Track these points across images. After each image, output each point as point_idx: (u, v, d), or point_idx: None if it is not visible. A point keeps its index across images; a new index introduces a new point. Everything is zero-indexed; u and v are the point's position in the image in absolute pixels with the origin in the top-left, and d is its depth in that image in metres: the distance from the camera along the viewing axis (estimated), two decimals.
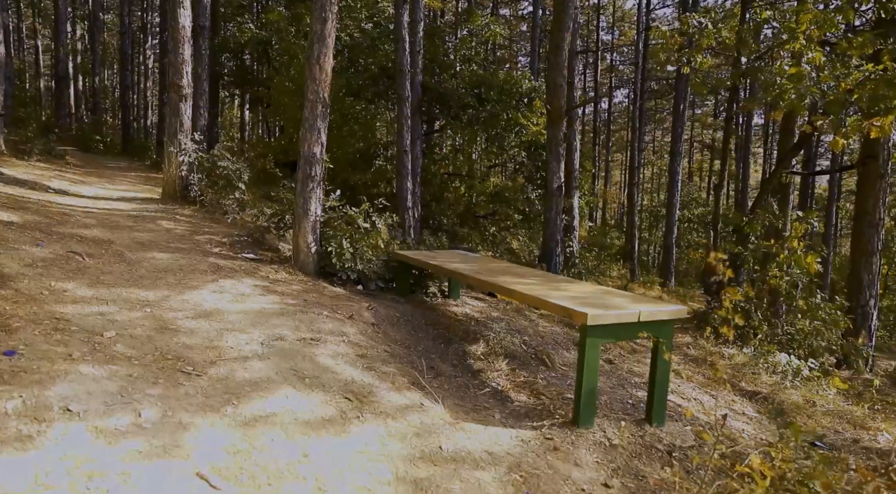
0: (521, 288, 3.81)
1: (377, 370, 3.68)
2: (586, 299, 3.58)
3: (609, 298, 3.65)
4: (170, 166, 8.26)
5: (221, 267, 5.38)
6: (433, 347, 4.55)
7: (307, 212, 5.85)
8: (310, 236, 5.88)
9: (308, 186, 5.84)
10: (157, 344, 3.50)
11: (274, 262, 6.00)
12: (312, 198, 5.87)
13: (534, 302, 3.60)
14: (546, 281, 4.25)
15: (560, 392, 4.14)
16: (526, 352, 5.01)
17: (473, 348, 4.66)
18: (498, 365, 4.42)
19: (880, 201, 8.46)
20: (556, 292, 3.75)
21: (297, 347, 3.71)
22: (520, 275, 4.45)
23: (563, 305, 3.31)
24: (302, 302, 4.64)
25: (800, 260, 7.75)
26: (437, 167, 13.26)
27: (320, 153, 5.91)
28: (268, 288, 4.90)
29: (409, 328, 4.78)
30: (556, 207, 8.04)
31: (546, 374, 4.60)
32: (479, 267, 4.82)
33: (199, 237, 6.45)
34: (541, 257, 8.17)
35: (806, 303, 7.78)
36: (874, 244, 8.47)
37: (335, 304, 4.73)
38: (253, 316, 4.16)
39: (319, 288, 5.33)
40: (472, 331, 5.07)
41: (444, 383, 3.85)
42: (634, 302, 3.52)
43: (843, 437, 5.59)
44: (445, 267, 4.77)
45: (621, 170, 39.69)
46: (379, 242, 5.95)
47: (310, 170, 5.84)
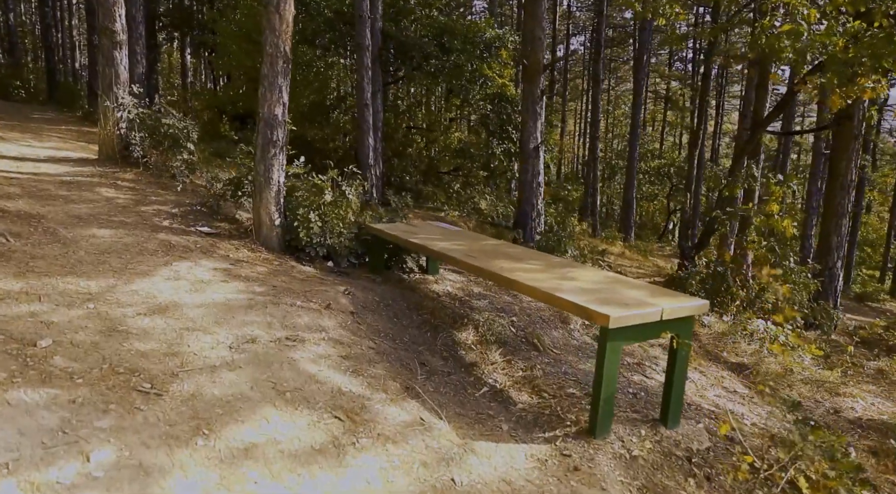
0: (526, 278, 3.41)
1: (365, 374, 3.26)
2: (599, 292, 3.22)
3: (623, 290, 3.30)
4: (106, 123, 7.36)
5: (174, 246, 4.77)
6: (420, 337, 4.15)
7: (269, 181, 5.24)
8: (273, 208, 5.29)
9: (269, 152, 5.21)
10: (105, 353, 2.96)
11: (233, 237, 5.40)
12: (275, 166, 5.25)
13: (543, 298, 3.21)
14: (548, 266, 3.86)
15: (560, 385, 3.83)
16: (515, 336, 4.67)
17: (463, 336, 4.28)
18: (491, 355, 4.07)
19: (853, 163, 8.41)
20: (565, 283, 3.38)
21: (273, 350, 3.24)
22: (515, 258, 4.05)
23: (579, 304, 2.94)
24: (271, 289, 4.12)
25: (777, 224, 7.64)
26: (398, 121, 12.56)
27: (282, 114, 5.26)
28: (230, 273, 4.35)
29: (390, 314, 4.35)
30: (533, 169, 7.63)
31: (540, 361, 4.29)
32: (469, 247, 4.39)
33: (145, 208, 5.76)
34: (515, 222, 7.80)
35: (780, 267, 7.72)
36: (845, 206, 8.46)
37: (308, 290, 4.24)
38: (217, 310, 3.64)
39: (287, 269, 4.81)
40: (458, 315, 4.68)
41: (440, 384, 3.47)
42: (653, 296, 3.18)
43: (825, 407, 5.56)
44: (431, 247, 4.32)
45: (575, 119, 39.42)
46: (349, 214, 5.42)
47: (271, 133, 5.20)
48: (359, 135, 10.63)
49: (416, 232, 5.00)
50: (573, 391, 3.75)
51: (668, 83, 35.91)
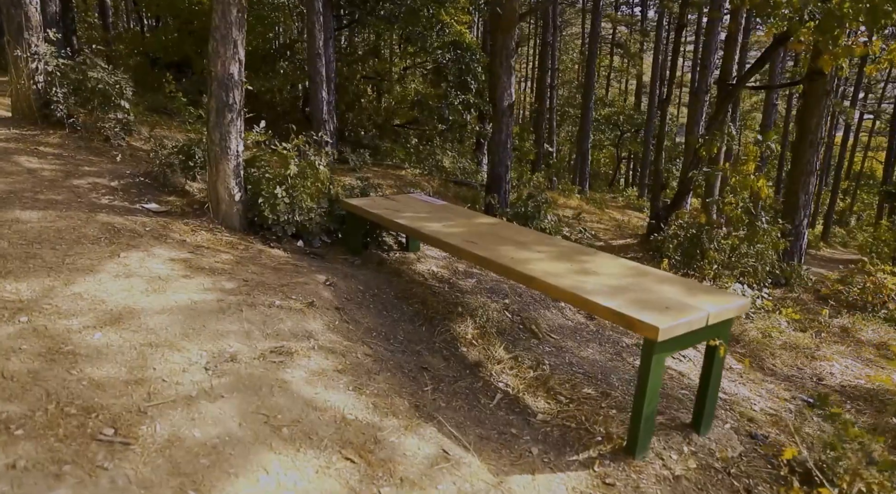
0: (543, 273, 3.01)
1: (368, 391, 2.82)
2: (629, 291, 2.86)
3: (654, 286, 2.95)
4: (19, 76, 6.34)
5: (119, 230, 4.10)
6: (415, 333, 3.72)
7: (226, 150, 4.57)
8: (232, 182, 4.65)
9: (225, 117, 4.52)
10: (49, 387, 2.41)
11: (187, 215, 4.74)
12: (232, 133, 4.57)
13: (570, 299, 2.83)
14: (559, 253, 3.47)
15: (573, 384, 3.51)
16: (512, 322, 4.32)
17: (461, 329, 3.88)
18: (495, 351, 3.70)
19: (823, 120, 8.33)
20: (588, 279, 3.00)
21: (259, 370, 2.74)
22: (520, 243, 3.63)
23: (619, 311, 2.57)
24: (242, 284, 3.57)
25: (753, 184, 7.52)
26: (351, 71, 11.68)
27: (239, 73, 4.54)
28: (191, 264, 3.75)
29: (378, 307, 3.89)
30: (507, 129, 7.14)
31: (543, 352, 3.96)
32: (464, 228, 3.94)
33: (78, 181, 4.97)
34: (488, 186, 7.36)
35: (751, 227, 7.64)
36: (813, 164, 8.43)
37: (285, 284, 3.71)
38: (183, 317, 3.08)
39: (255, 254, 4.23)
40: (450, 302, 4.26)
41: (449, 395, 3.07)
42: (691, 294, 2.85)
43: (806, 374, 5.54)
44: (422, 230, 3.84)
45: (524, 65, 38.63)
46: (319, 186, 4.83)
47: (226, 96, 4.49)
48: (311, 88, 9.79)
49: (400, 208, 4.49)
50: (588, 391, 3.44)
51: (615, 28, 35.45)
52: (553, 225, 6.67)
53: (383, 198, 4.88)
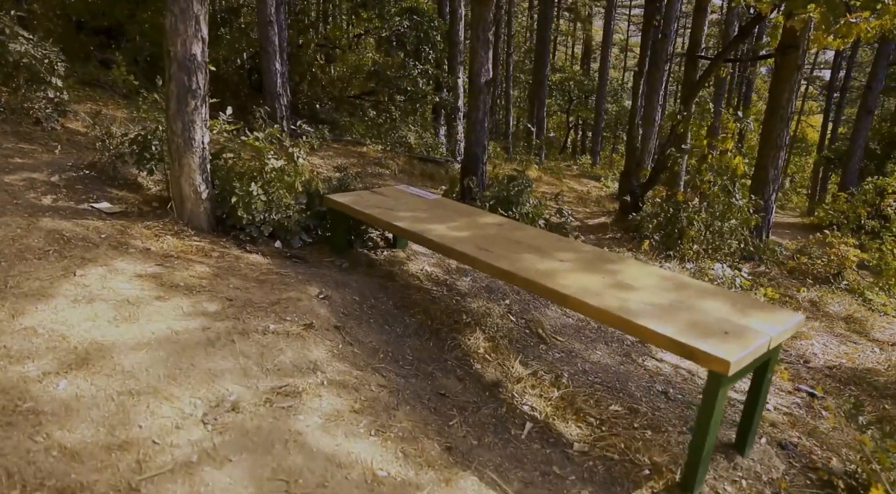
0: (579, 290, 2.71)
1: (392, 434, 2.48)
2: (678, 310, 2.60)
3: (699, 302, 2.70)
4: None
5: (70, 240, 3.53)
6: (423, 349, 3.37)
7: (190, 142, 4.02)
8: (198, 177, 4.10)
9: (188, 105, 3.95)
10: (8, 463, 1.97)
11: (146, 215, 4.18)
12: (197, 123, 4.01)
13: (621, 325, 2.54)
14: (584, 262, 3.17)
15: (597, 400, 3.27)
16: (517, 326, 4.03)
17: (471, 342, 3.56)
18: (512, 367, 3.40)
19: (794, 95, 8.30)
20: (629, 295, 2.72)
21: (267, 421, 2.35)
22: (537, 248, 3.31)
23: (680, 341, 2.30)
24: (227, 304, 3.11)
25: (731, 162, 7.44)
26: (304, 39, 10.89)
27: (202, 54, 3.96)
28: (162, 280, 3.25)
29: (379, 320, 3.51)
30: (484, 107, 6.74)
31: (555, 359, 3.71)
32: (472, 231, 3.58)
33: (9, 177, 4.30)
34: (465, 167, 6.97)
35: (725, 204, 7.60)
36: (783, 138, 8.42)
37: (275, 301, 3.27)
38: (165, 353, 2.63)
39: (233, 262, 3.75)
40: (452, 309, 3.92)
41: (477, 428, 2.76)
42: (742, 313, 2.61)
43: (793, 356, 5.53)
44: (428, 236, 3.46)
45: None
46: (297, 182, 4.34)
47: (189, 80, 3.91)
48: (263, 59, 9.04)
49: (391, 205, 4.08)
50: (616, 408, 3.21)
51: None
52: (535, 209, 6.40)
53: (370, 192, 4.44)
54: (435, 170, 9.63)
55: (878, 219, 9.26)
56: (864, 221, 9.15)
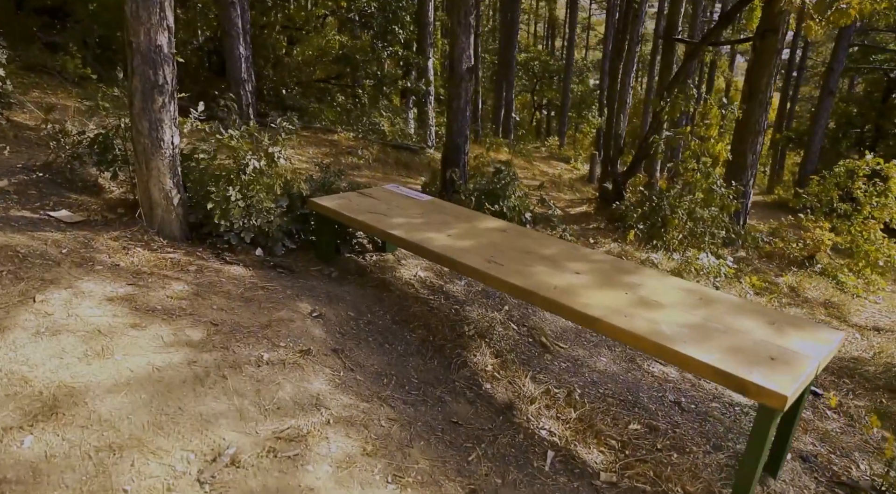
0: (606, 312, 2.50)
1: (411, 478, 2.23)
2: (714, 331, 2.41)
3: (733, 319, 2.53)
4: None
5: (26, 257, 3.14)
6: (428, 370, 3.13)
7: (159, 143, 3.63)
8: (168, 181, 3.73)
9: (155, 102, 3.55)
10: None
11: (111, 224, 3.79)
12: (165, 121, 3.62)
13: (657, 352, 2.34)
14: (601, 274, 2.96)
15: (614, 418, 3.10)
16: (520, 335, 3.82)
17: (478, 359, 3.33)
18: (523, 384, 3.19)
19: (773, 79, 8.24)
20: (656, 316, 2.52)
21: (273, 476, 2.07)
22: (548, 259, 3.08)
23: (729, 372, 2.11)
24: (213, 331, 2.79)
25: (714, 148, 7.35)
26: (268, 20, 10.31)
27: (168, 44, 3.56)
28: (136, 303, 2.91)
29: (378, 338, 3.24)
30: (466, 95, 6.44)
31: (561, 370, 3.52)
32: (475, 239, 3.32)
33: None
34: (446, 158, 6.68)
35: (708, 191, 7.53)
36: (762, 123, 8.39)
37: (264, 322, 2.96)
38: (148, 395, 2.31)
39: (213, 278, 3.41)
40: (453, 320, 3.68)
41: (499, 461, 2.54)
42: (780, 332, 2.45)
43: None
44: (430, 247, 3.18)
45: None
46: (278, 184, 4.00)
47: (155, 74, 3.52)
48: (226, 43, 8.50)
49: (384, 209, 3.78)
50: (635, 427, 3.04)
51: None
52: (521, 201, 6.18)
53: (357, 194, 4.13)
54: (410, 158, 9.31)
55: (849, 201, 9.35)
56: (836, 204, 9.23)
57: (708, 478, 2.65)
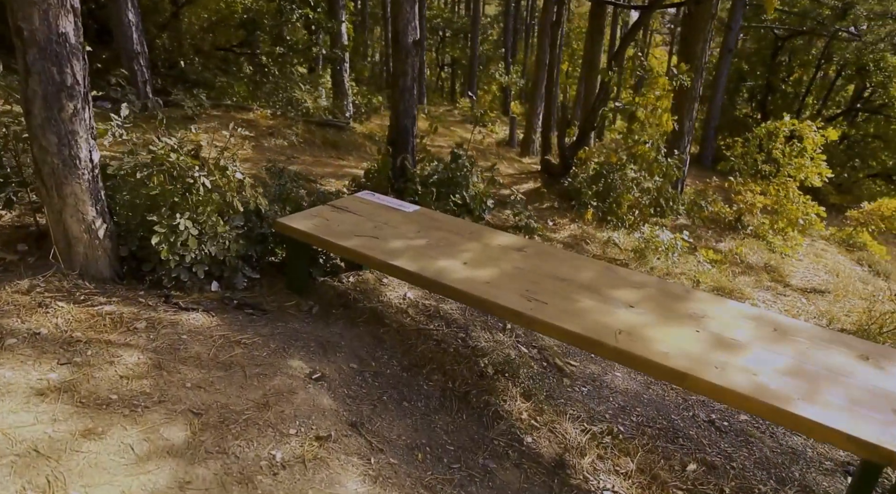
0: (698, 367, 2.11)
1: None
2: (809, 376, 2.10)
3: (825, 356, 2.23)
4: None
5: None
6: (461, 430, 2.63)
7: (73, 162, 2.78)
8: (90, 209, 2.90)
9: (64, 108, 2.69)
10: None
11: (13, 270, 2.91)
12: (80, 132, 2.77)
13: (774, 417, 1.97)
14: (656, 302, 2.56)
15: (665, 454, 2.77)
16: (533, 359, 3.40)
17: (507, 404, 2.86)
18: (568, 433, 2.77)
19: (707, 44, 8.17)
20: (742, 359, 2.16)
21: None
22: (591, 289, 2.64)
23: (874, 444, 1.79)
24: (196, 423, 2.12)
25: (661, 119, 7.18)
26: None
27: (76, 33, 2.69)
28: (78, 395, 2.17)
29: (395, 396, 2.69)
30: (413, 71, 5.76)
31: (583, 395, 3.15)
32: (497, 265, 2.80)
33: None
34: (393, 141, 6.02)
35: (655, 162, 7.40)
36: (697, 90, 8.35)
37: (259, 400, 2.32)
38: None
39: (172, 337, 2.67)
40: (466, 356, 3.17)
41: None
42: (884, 371, 2.17)
43: None
44: (454, 285, 2.63)
45: None
46: (235, 200, 3.24)
47: (60, 72, 2.64)
48: (112, 9, 7.20)
49: (372, 229, 3.16)
50: (692, 467, 2.73)
51: None
52: (482, 188, 5.70)
53: (331, 209, 3.44)
54: (337, 136, 8.49)
55: (770, 163, 9.65)
56: (760, 166, 9.50)
57: None
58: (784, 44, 19.11)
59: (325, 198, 3.70)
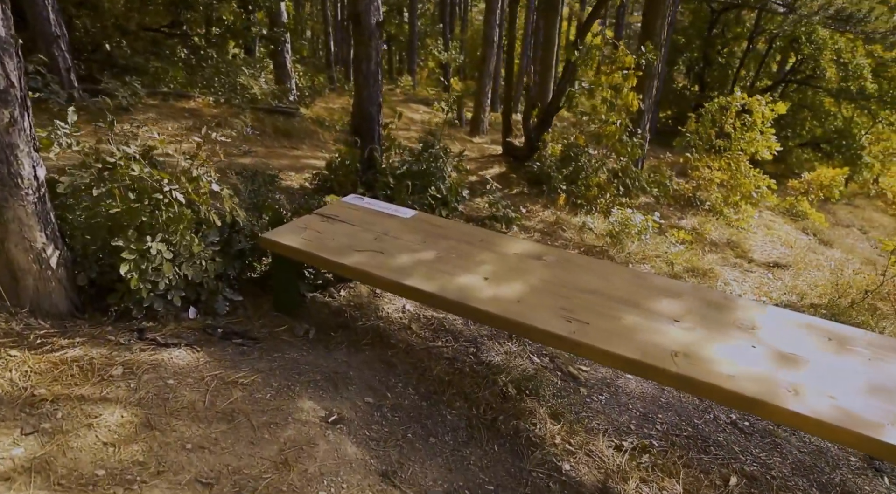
0: (777, 396, 1.93)
1: None
2: (887, 390, 1.97)
3: (890, 366, 2.10)
4: None
5: None
6: (495, 464, 2.37)
7: (14, 180, 2.32)
8: (38, 235, 2.44)
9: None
10: None
11: None
12: (20, 146, 2.31)
13: (878, 452, 1.82)
14: (699, 314, 2.37)
15: (704, 469, 2.62)
16: (548, 369, 3.19)
17: (537, 428, 2.63)
18: (605, 455, 2.57)
19: (666, 20, 8.08)
20: (810, 377, 2.01)
21: None
22: (630, 302, 2.42)
23: None
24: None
25: (627, 98, 7.06)
26: None
27: (5, 22, 2.20)
28: (54, 471, 1.78)
29: (419, 431, 2.40)
30: (376, 55, 5.35)
31: (602, 405, 2.97)
32: (521, 277, 2.54)
33: None
34: (357, 129, 5.61)
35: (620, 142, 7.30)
36: (656, 67, 8.27)
37: (275, 456, 1.99)
38: None
39: (154, 380, 2.28)
40: (485, 376, 2.91)
41: None
42: None
43: None
44: (484, 307, 2.35)
45: None
46: (212, 216, 2.82)
47: None
48: None
49: (372, 242, 2.83)
50: (734, 481, 2.59)
51: None
52: (456, 178, 5.40)
53: (320, 219, 3.07)
54: (288, 124, 7.94)
55: (723, 137, 9.76)
56: (714, 141, 9.60)
57: None
58: (719, 16, 19.46)
59: (308, 205, 3.31)
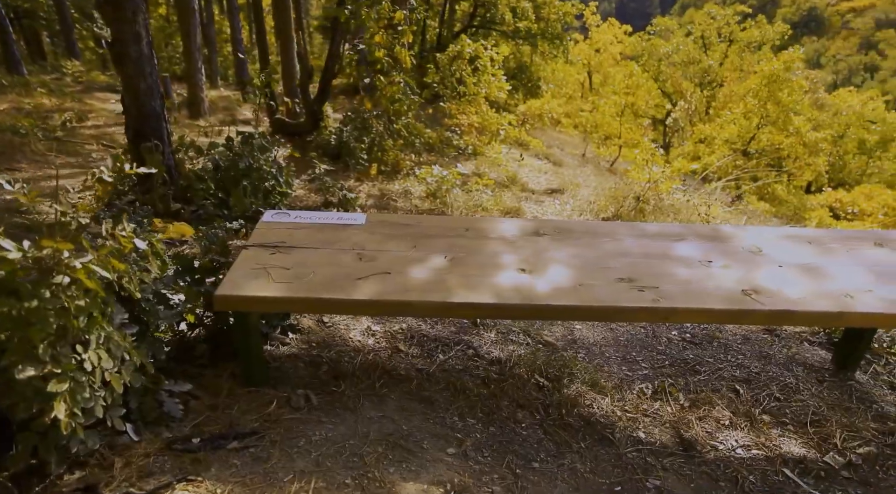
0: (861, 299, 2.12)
1: None
2: (889, 274, 2.33)
3: (871, 253, 2.49)
4: None
5: None
6: (596, 462, 2.17)
7: None
8: None
9: None
10: None
11: None
12: None
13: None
14: (716, 249, 2.46)
15: (714, 388, 2.82)
16: (538, 348, 3.03)
17: (596, 408, 2.46)
18: (655, 407, 2.55)
19: None
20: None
21: None
22: (665, 256, 2.39)
23: None
24: None
25: (400, 55, 6.91)
26: None
27: None
28: None
29: (518, 460, 2.04)
30: (147, 34, 4.11)
31: (600, 359, 3.01)
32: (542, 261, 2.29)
33: None
34: (138, 130, 4.35)
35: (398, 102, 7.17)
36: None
37: None
38: None
39: None
40: (510, 376, 2.59)
41: None
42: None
43: None
44: (565, 304, 2.04)
45: None
46: (132, 285, 1.88)
47: None
48: None
49: (377, 265, 2.23)
50: (741, 390, 2.84)
51: None
52: (286, 170, 4.60)
53: (267, 251, 2.28)
54: None
55: (461, 84, 10.33)
56: (458, 88, 10.12)
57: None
58: None
59: (221, 239, 2.43)
